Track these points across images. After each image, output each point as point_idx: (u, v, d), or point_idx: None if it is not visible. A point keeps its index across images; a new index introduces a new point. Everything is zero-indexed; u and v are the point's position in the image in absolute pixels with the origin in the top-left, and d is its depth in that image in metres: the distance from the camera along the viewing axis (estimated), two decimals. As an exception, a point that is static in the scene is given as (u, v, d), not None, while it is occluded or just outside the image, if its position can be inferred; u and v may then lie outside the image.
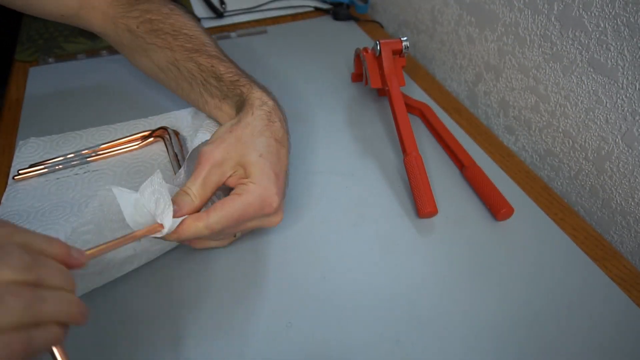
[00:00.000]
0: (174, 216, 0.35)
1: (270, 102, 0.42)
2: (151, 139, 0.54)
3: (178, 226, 0.35)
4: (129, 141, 0.54)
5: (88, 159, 0.52)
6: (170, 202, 0.35)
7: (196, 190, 0.36)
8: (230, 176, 0.38)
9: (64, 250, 0.26)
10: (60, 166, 0.51)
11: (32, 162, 0.51)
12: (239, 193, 0.37)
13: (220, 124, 0.48)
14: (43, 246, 0.25)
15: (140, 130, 0.55)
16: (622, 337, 0.39)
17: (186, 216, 0.36)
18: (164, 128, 0.55)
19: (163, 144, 0.54)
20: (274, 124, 0.41)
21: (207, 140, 0.42)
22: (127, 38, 0.50)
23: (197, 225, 0.35)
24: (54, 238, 0.26)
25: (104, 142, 0.54)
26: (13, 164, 0.51)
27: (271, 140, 0.40)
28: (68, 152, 0.52)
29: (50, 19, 0.52)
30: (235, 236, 0.43)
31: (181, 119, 0.58)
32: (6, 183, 0.50)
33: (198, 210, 0.37)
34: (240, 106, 0.43)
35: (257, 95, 0.42)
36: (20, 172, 0.50)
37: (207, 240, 0.41)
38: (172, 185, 0.39)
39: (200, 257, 0.43)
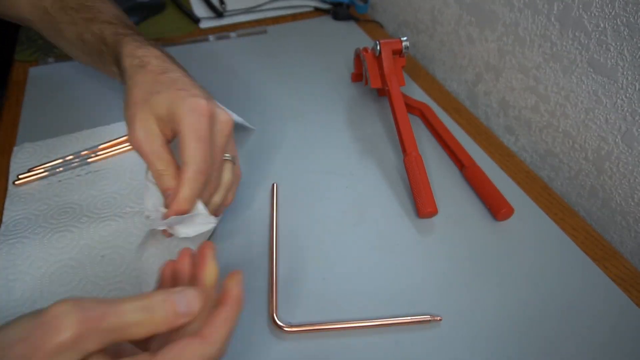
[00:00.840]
0: (170, 193, 0.35)
1: (139, 51, 0.41)
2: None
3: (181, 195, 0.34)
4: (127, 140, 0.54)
5: (88, 160, 0.52)
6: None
7: (162, 164, 0.36)
8: (163, 129, 0.37)
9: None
10: (61, 168, 0.51)
11: (30, 167, 0.51)
12: (178, 128, 0.36)
13: None
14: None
15: None
16: (622, 337, 0.39)
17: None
18: None
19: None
20: (148, 66, 0.40)
21: None
22: (45, 20, 0.50)
23: (189, 177, 0.34)
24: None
25: (103, 142, 0.54)
26: (10, 170, 0.51)
27: (152, 76, 0.38)
28: (66, 154, 0.52)
29: None
30: (234, 163, 0.42)
31: None
32: (6, 186, 0.50)
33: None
34: (120, 72, 0.42)
35: (126, 52, 0.41)
36: (20, 177, 0.49)
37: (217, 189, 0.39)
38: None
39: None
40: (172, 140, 0.38)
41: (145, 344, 0.28)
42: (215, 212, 0.40)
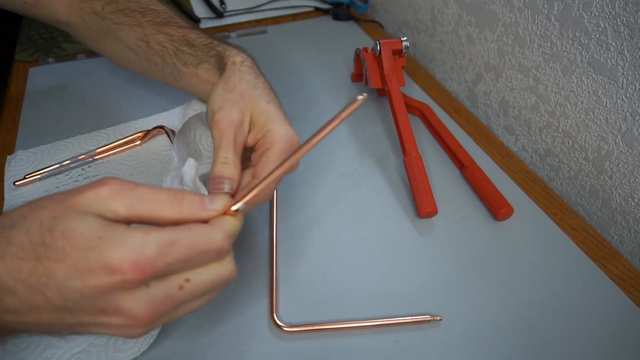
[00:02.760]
0: (231, 190, 0.33)
1: (249, 59, 0.42)
2: (149, 137, 0.54)
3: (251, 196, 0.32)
4: (126, 142, 0.54)
5: (85, 165, 0.51)
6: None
7: (233, 156, 0.34)
8: (248, 134, 0.37)
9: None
10: (58, 173, 0.50)
11: (26, 174, 0.50)
12: (269, 146, 0.35)
13: (197, 94, 0.48)
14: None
15: (133, 132, 0.55)
16: (622, 337, 0.39)
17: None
18: (160, 127, 0.54)
19: (159, 143, 0.54)
20: (261, 76, 0.41)
21: (204, 113, 0.41)
22: (93, 21, 0.49)
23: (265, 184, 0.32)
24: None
25: (99, 146, 0.53)
26: (5, 178, 0.50)
27: (267, 89, 0.39)
28: (63, 159, 0.51)
29: (11, 9, 0.51)
30: None
31: (172, 118, 0.57)
32: (3, 194, 0.49)
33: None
34: (221, 66, 0.42)
35: (235, 53, 0.42)
36: (16, 184, 0.49)
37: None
38: (173, 173, 0.39)
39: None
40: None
41: None
42: None
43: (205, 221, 0.27)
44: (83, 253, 0.24)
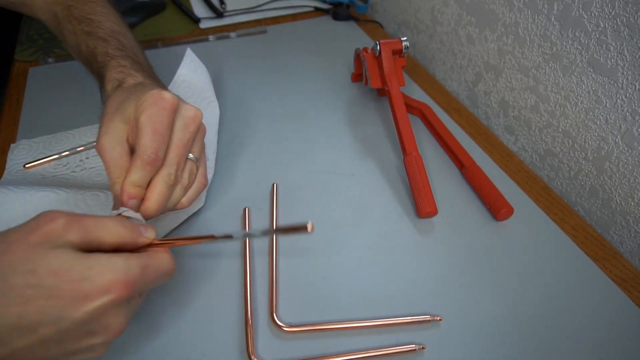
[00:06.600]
0: (130, 199, 0.34)
1: (120, 76, 0.42)
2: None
3: (145, 202, 0.35)
4: None
5: (84, 157, 0.52)
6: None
7: (117, 173, 0.35)
8: (130, 134, 0.37)
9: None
10: (57, 160, 0.51)
11: (25, 163, 0.51)
12: (140, 112, 0.36)
13: None
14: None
15: None
16: (622, 337, 0.39)
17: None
18: None
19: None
20: (124, 84, 0.41)
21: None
22: (55, 23, 0.52)
23: (135, 166, 0.34)
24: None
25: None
26: (6, 167, 0.51)
27: (126, 90, 0.39)
28: (62, 150, 0.53)
29: (2, 5, 0.54)
30: (198, 166, 0.40)
31: None
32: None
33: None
34: (103, 91, 0.43)
35: (109, 77, 0.42)
36: (10, 177, 0.50)
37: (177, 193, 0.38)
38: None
39: (200, 256, 0.44)
40: None
41: None
42: (174, 207, 0.39)
43: (137, 247, 0.31)
44: (78, 284, 0.26)
